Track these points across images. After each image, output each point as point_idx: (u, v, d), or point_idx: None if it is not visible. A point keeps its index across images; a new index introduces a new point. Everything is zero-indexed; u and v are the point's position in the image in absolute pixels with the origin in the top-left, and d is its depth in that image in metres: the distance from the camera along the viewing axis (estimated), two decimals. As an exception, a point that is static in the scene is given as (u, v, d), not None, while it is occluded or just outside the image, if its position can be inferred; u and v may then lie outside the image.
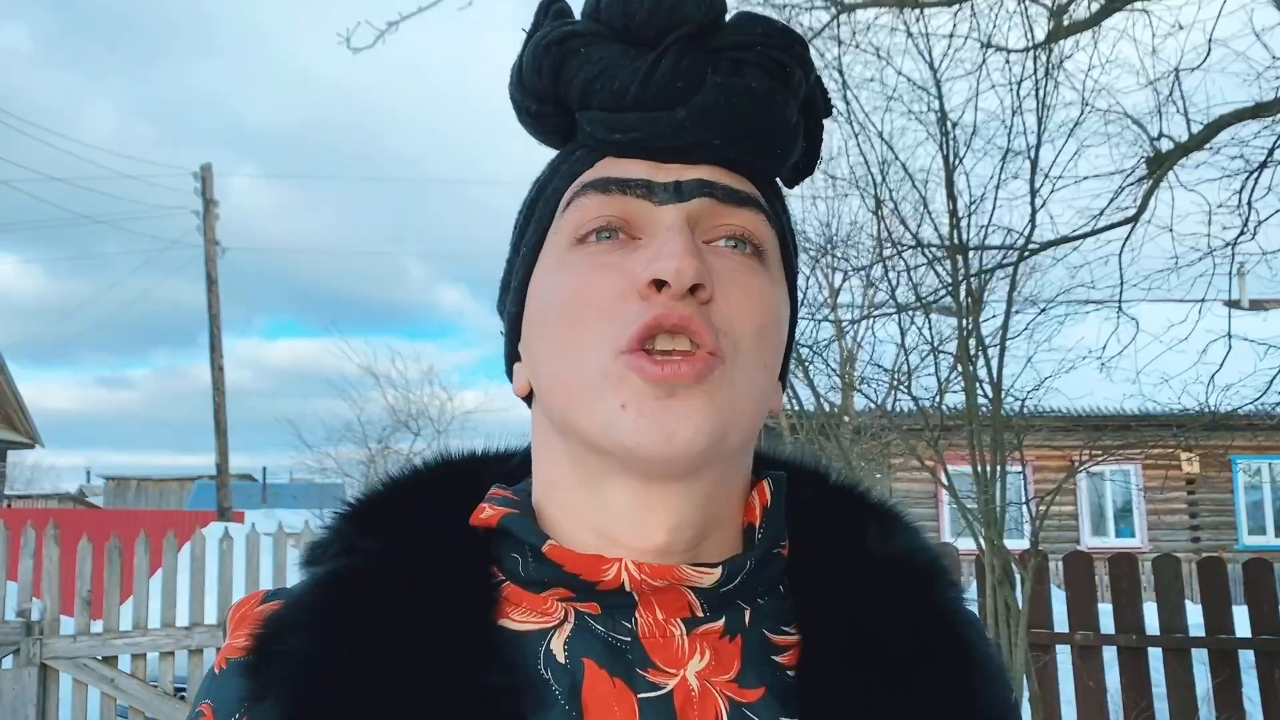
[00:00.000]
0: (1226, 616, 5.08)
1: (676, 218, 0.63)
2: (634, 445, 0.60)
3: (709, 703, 0.62)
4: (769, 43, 0.65)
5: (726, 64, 0.64)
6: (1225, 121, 4.91)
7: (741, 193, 0.65)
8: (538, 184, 0.71)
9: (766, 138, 0.66)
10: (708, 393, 0.60)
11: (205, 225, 19.03)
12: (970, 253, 4.71)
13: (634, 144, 0.65)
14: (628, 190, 0.64)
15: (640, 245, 0.64)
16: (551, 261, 0.66)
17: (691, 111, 0.63)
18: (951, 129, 4.66)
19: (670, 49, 0.63)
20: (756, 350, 0.63)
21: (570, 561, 0.63)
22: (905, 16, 4.85)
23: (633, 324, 0.60)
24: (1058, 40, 4.86)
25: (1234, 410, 4.82)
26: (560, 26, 0.67)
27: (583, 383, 0.62)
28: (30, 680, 5.27)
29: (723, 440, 0.61)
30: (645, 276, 0.60)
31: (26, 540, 5.49)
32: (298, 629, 0.63)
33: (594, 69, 0.64)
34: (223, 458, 18.71)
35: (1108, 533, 15.91)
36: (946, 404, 5.06)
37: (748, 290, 0.64)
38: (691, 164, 0.65)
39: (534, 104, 0.69)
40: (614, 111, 0.65)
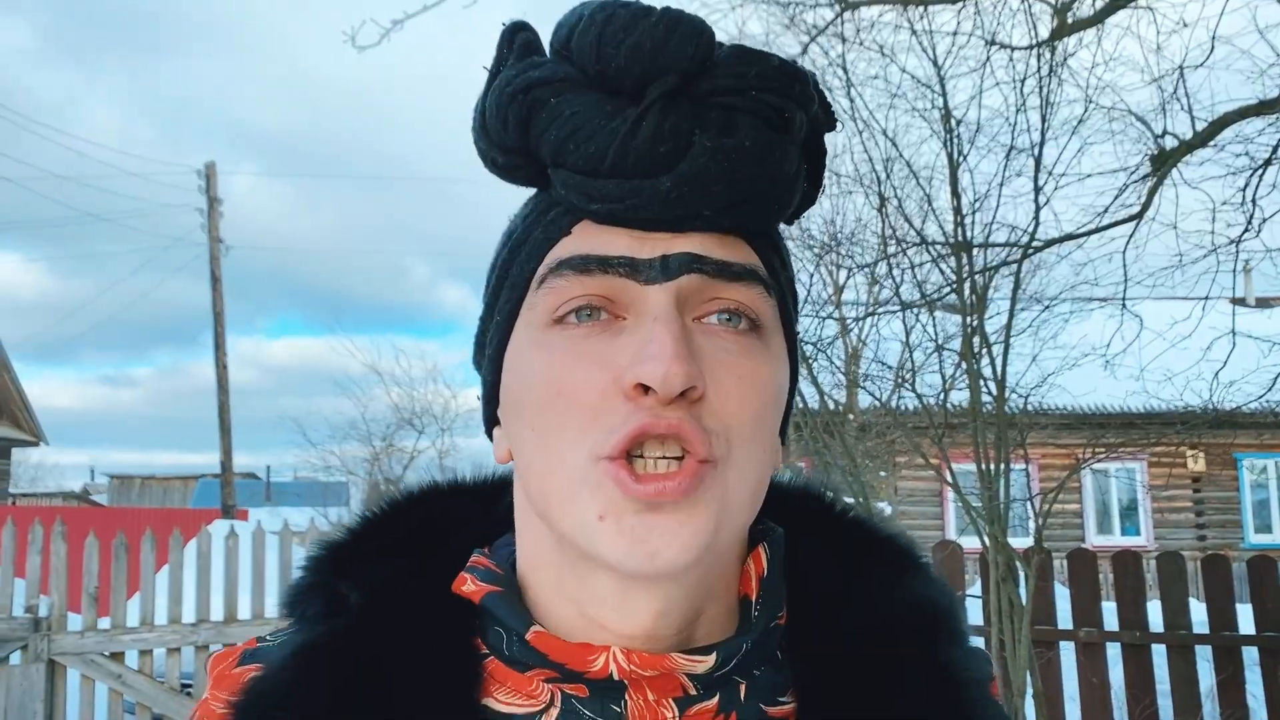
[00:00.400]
0: (1230, 614, 5.08)
1: (664, 304, 0.58)
2: (614, 561, 0.56)
3: None
4: (764, 86, 0.58)
5: (716, 117, 0.57)
6: (1229, 119, 4.90)
7: (735, 266, 0.60)
8: (509, 239, 0.65)
9: (763, 199, 0.60)
10: (695, 505, 0.56)
11: (210, 223, 19.06)
12: (974, 250, 4.72)
13: (613, 215, 0.59)
14: (609, 270, 0.59)
15: (625, 329, 0.59)
16: (527, 339, 0.62)
17: (678, 180, 0.57)
18: (955, 126, 4.67)
19: (652, 107, 0.56)
20: (753, 440, 0.59)
21: (555, 650, 0.60)
22: (909, 14, 4.86)
23: (616, 431, 0.56)
24: (1062, 38, 4.86)
25: (1238, 407, 4.83)
26: (526, 71, 0.60)
27: (560, 484, 0.58)
28: (38, 676, 5.30)
29: (713, 547, 0.58)
30: (630, 379, 0.56)
31: (34, 537, 5.52)
32: (278, 709, 0.61)
33: (565, 126, 0.58)
34: (227, 456, 18.74)
35: (1113, 531, 15.90)
36: (951, 401, 5.07)
37: (742, 377, 0.59)
38: (679, 233, 0.59)
39: (500, 156, 0.62)
40: (590, 176, 0.58)
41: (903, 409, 5.88)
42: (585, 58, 0.58)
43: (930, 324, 4.98)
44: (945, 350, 5.06)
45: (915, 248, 4.98)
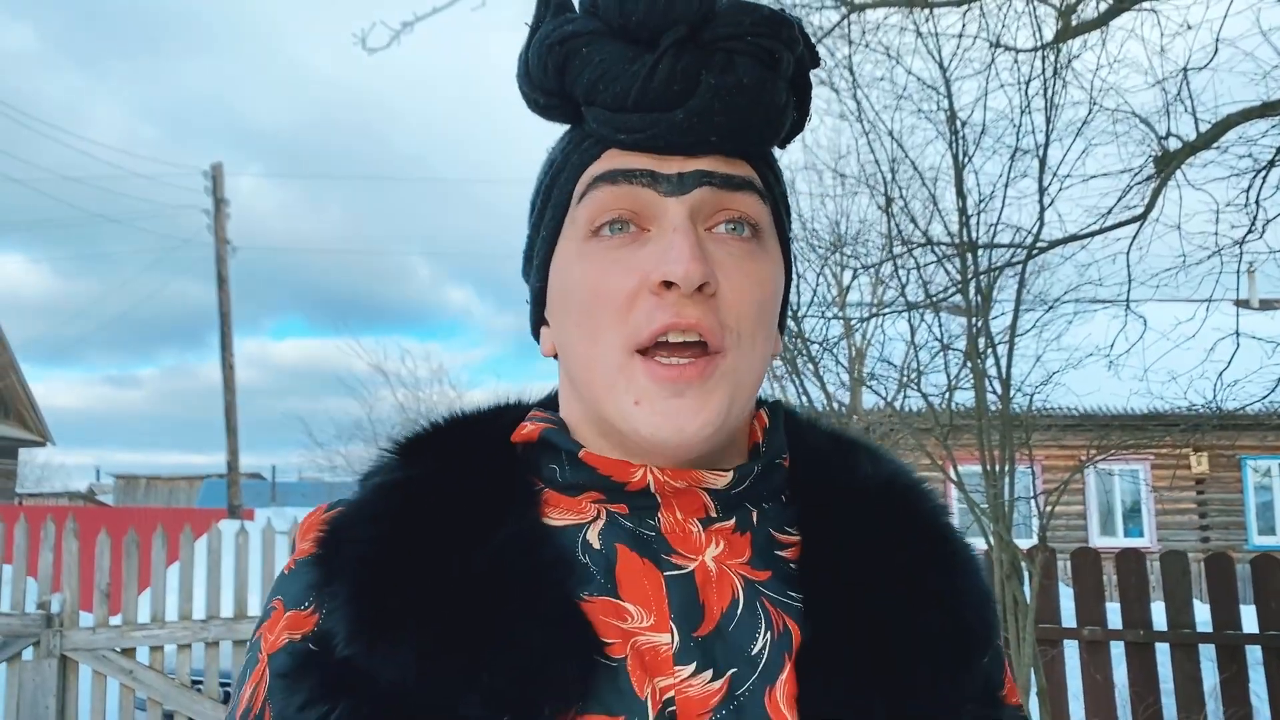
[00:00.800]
0: (1234, 613, 5.09)
1: (681, 215, 0.70)
2: (649, 436, 0.69)
3: (725, 580, 0.72)
4: (758, 32, 0.70)
5: (719, 59, 0.69)
6: (1233, 120, 4.93)
7: (736, 178, 0.72)
8: (550, 166, 0.78)
9: (758, 126, 0.72)
10: (711, 389, 0.70)
11: (216, 224, 19.10)
12: (979, 250, 4.75)
13: (637, 144, 0.71)
14: (634, 180, 0.71)
15: (650, 238, 0.71)
16: (571, 249, 0.74)
17: (689, 113, 0.69)
18: (961, 128, 4.70)
19: (666, 53, 0.68)
20: (757, 329, 0.73)
21: (602, 465, 0.73)
22: (915, 16, 4.89)
23: (645, 327, 0.69)
24: (1066, 40, 4.89)
25: (1242, 408, 4.85)
26: (562, 25, 0.72)
27: (602, 374, 0.71)
28: (50, 671, 5.34)
29: (727, 419, 0.71)
30: (656, 277, 0.68)
31: (46, 535, 5.57)
32: (363, 522, 0.72)
33: (596, 70, 0.70)
34: (233, 456, 18.78)
35: (1116, 532, 15.88)
36: (955, 402, 5.10)
37: (747, 274, 0.72)
38: (691, 156, 0.71)
39: (542, 97, 0.75)
40: (617, 112, 0.70)
41: (908, 409, 5.91)
42: (610, 13, 0.70)
43: (936, 325, 5.01)
44: (950, 350, 5.09)
45: (920, 248, 5.01)
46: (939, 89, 4.77)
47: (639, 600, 0.69)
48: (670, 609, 0.69)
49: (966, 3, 4.84)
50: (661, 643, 0.68)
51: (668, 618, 0.69)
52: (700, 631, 0.69)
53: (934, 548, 0.77)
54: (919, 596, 0.73)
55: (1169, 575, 5.22)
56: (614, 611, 0.69)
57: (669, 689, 0.66)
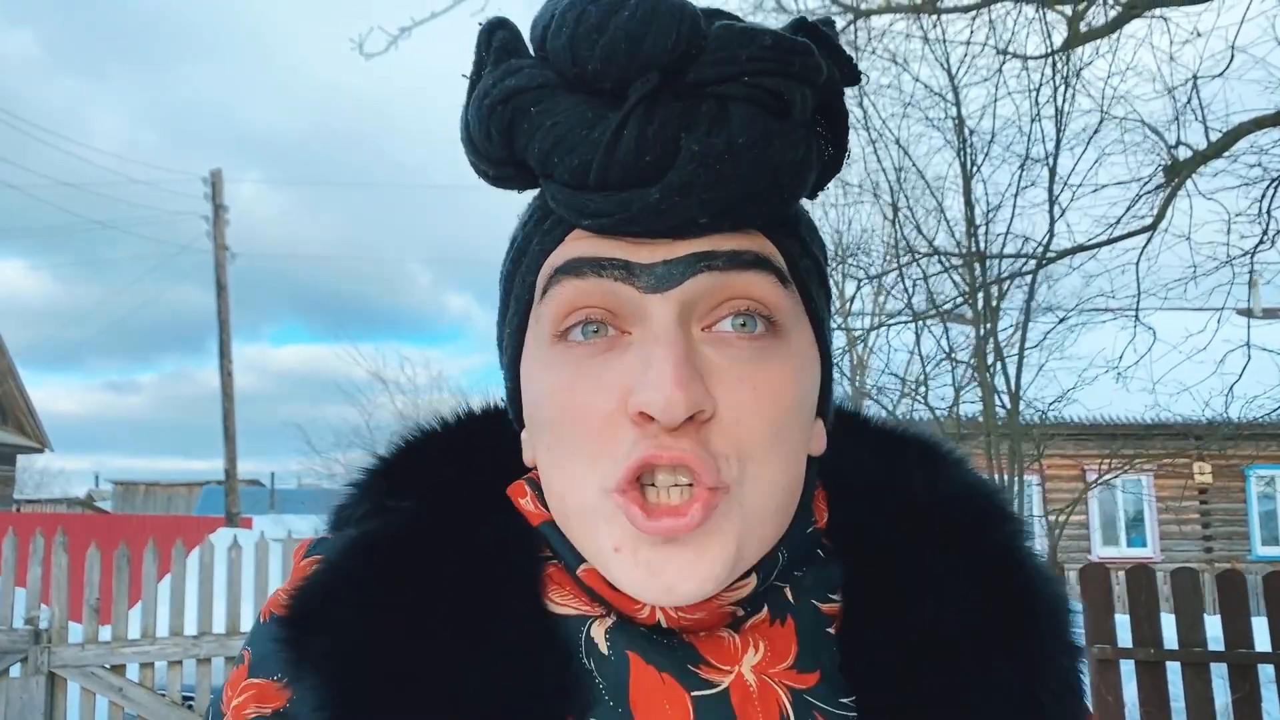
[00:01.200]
0: (1246, 630, 5.02)
1: (666, 318, 0.55)
2: (630, 593, 0.56)
3: (769, 696, 0.57)
4: (758, 69, 0.53)
5: (707, 110, 0.53)
6: (1244, 129, 4.86)
7: (745, 255, 0.56)
8: (512, 249, 0.63)
9: (763, 196, 0.55)
10: (711, 535, 0.54)
11: (215, 231, 19.06)
12: (988, 260, 4.67)
13: (604, 229, 0.56)
14: (604, 274, 0.56)
15: (631, 344, 0.56)
16: (537, 353, 0.60)
17: (667, 191, 0.53)
18: (969, 136, 4.62)
19: (632, 114, 0.52)
20: (771, 453, 0.56)
21: (604, 591, 0.59)
22: (922, 22, 4.82)
23: (622, 462, 0.54)
24: (1075, 47, 4.83)
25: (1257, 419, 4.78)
26: (504, 78, 0.56)
27: (576, 512, 0.57)
28: (38, 689, 5.25)
29: (736, 567, 0.56)
30: (633, 407, 0.54)
31: (35, 547, 5.48)
32: (337, 603, 0.59)
33: (548, 138, 0.55)
34: (231, 463, 18.71)
35: (1119, 542, 15.81)
36: (962, 413, 5.02)
37: (757, 388, 0.56)
38: (677, 240, 0.56)
39: (491, 168, 0.60)
40: (578, 190, 0.55)
41: (913, 420, 5.83)
42: (561, 61, 0.54)
43: (944, 336, 4.93)
44: (956, 361, 5.01)
45: (927, 257, 4.94)
46: (946, 96, 4.70)
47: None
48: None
49: (975, 9, 4.77)
50: None
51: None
52: None
53: (1004, 593, 0.62)
54: (987, 673, 0.59)
55: (1179, 592, 5.13)
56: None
57: None
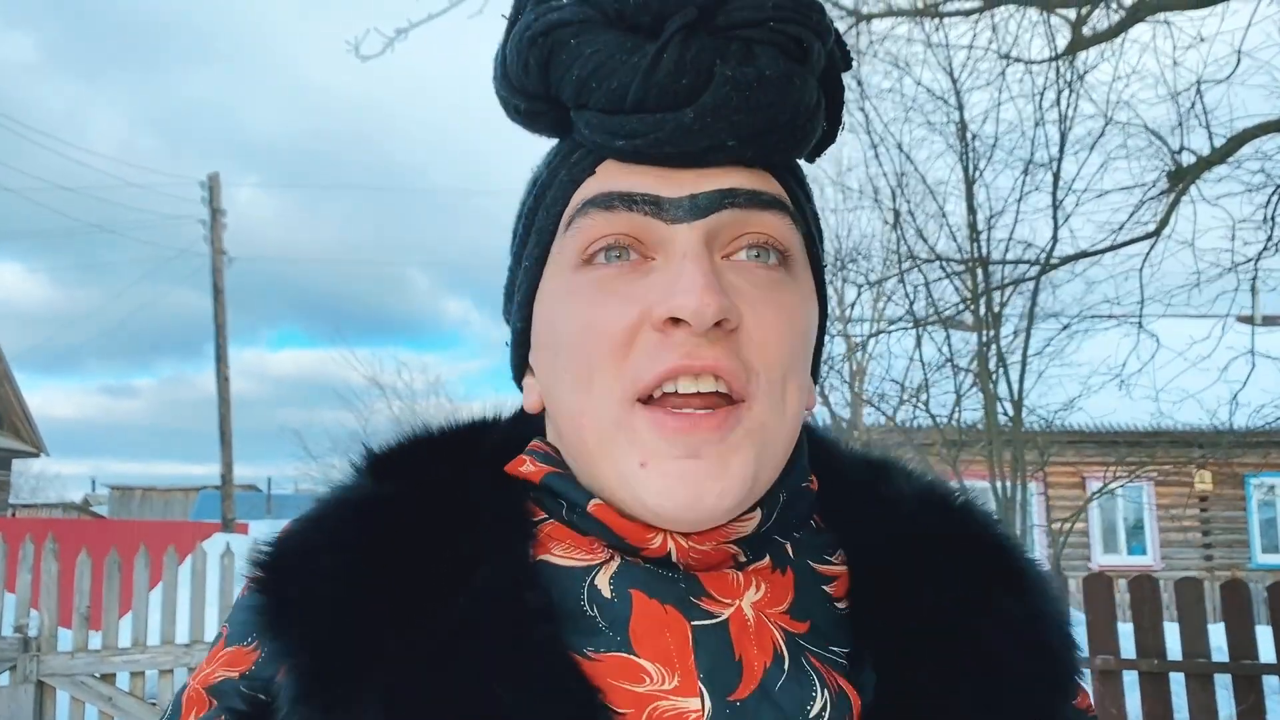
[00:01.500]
0: (1250, 641, 4.98)
1: (693, 241, 0.58)
2: (656, 506, 0.57)
3: (765, 632, 0.60)
4: (781, 16, 0.58)
5: (736, 49, 0.57)
6: (1248, 135, 4.83)
7: (764, 195, 0.60)
8: (535, 185, 0.65)
9: (786, 129, 0.59)
10: (734, 447, 0.57)
11: (213, 235, 19.02)
12: (990, 266, 4.63)
13: (638, 151, 0.58)
14: (634, 207, 0.59)
15: (654, 268, 0.59)
16: (558, 283, 0.62)
17: (700, 112, 0.57)
18: (971, 140, 4.58)
19: (672, 40, 0.56)
20: (789, 374, 0.60)
21: (615, 524, 0.60)
22: (924, 26, 4.78)
23: (648, 369, 0.57)
24: (1079, 51, 4.79)
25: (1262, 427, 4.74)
26: (546, 13, 0.59)
27: (596, 429, 0.59)
28: (26, 698, 5.19)
29: (754, 487, 0.59)
30: (661, 311, 0.56)
31: (25, 553, 5.41)
32: (315, 551, 0.60)
33: (587, 65, 0.58)
34: (227, 468, 18.65)
35: (1120, 550, 15.78)
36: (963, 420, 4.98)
37: (777, 307, 0.59)
38: (704, 168, 0.59)
39: (523, 102, 0.62)
40: (613, 114, 0.58)
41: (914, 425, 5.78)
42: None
43: (945, 342, 4.88)
44: (958, 368, 4.97)
45: (929, 263, 4.89)
46: (949, 100, 4.65)
47: (659, 657, 0.57)
48: (698, 667, 0.57)
49: (977, 13, 4.74)
50: (689, 709, 0.56)
51: (695, 678, 0.57)
52: (737, 694, 0.57)
53: (996, 565, 0.66)
54: (991, 629, 0.61)
55: (1183, 603, 5.09)
56: (628, 672, 0.57)
57: None
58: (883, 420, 5.97)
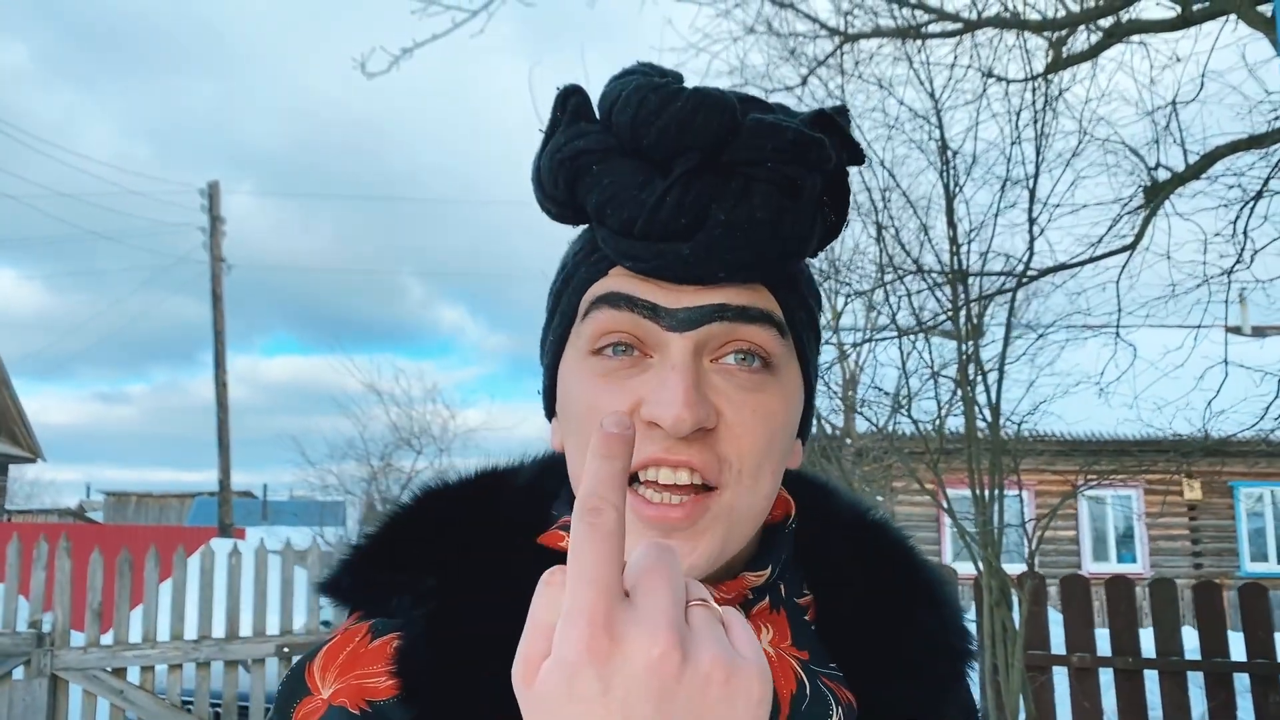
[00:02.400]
0: (1223, 640, 5.11)
1: (683, 352, 0.67)
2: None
3: (785, 665, 0.72)
4: (780, 158, 0.66)
5: (735, 188, 0.65)
6: (1221, 152, 4.99)
7: (751, 310, 0.68)
8: (563, 272, 0.75)
9: (774, 259, 0.68)
10: (701, 530, 0.67)
11: (212, 242, 19.11)
12: (970, 278, 4.80)
13: (643, 271, 0.68)
14: (635, 309, 0.68)
15: (651, 364, 0.68)
16: (574, 361, 0.72)
17: (695, 247, 0.65)
18: (952, 158, 4.76)
19: (674, 184, 0.65)
20: (763, 463, 0.69)
21: None
22: (907, 47, 4.96)
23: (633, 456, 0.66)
24: (1057, 71, 4.96)
25: (1231, 436, 4.89)
26: (574, 139, 0.69)
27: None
28: (40, 691, 5.33)
29: (719, 558, 0.68)
30: (645, 414, 0.66)
31: (39, 554, 5.56)
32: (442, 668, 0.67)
33: (605, 193, 0.67)
34: (225, 474, 18.72)
35: (1109, 558, 15.88)
36: (947, 428, 5.13)
37: (755, 410, 0.68)
38: (701, 286, 0.68)
39: (554, 208, 0.72)
40: (624, 237, 0.67)
41: (900, 434, 5.94)
42: (623, 132, 0.68)
43: (927, 350, 5.05)
44: (941, 377, 5.13)
45: (912, 275, 5.06)
46: (930, 119, 4.83)
47: None
48: None
49: (959, 34, 4.92)
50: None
51: None
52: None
53: (913, 579, 0.82)
54: (912, 638, 0.78)
55: (1158, 602, 5.23)
56: None
57: None
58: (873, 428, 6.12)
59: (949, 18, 4.95)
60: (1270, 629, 5.08)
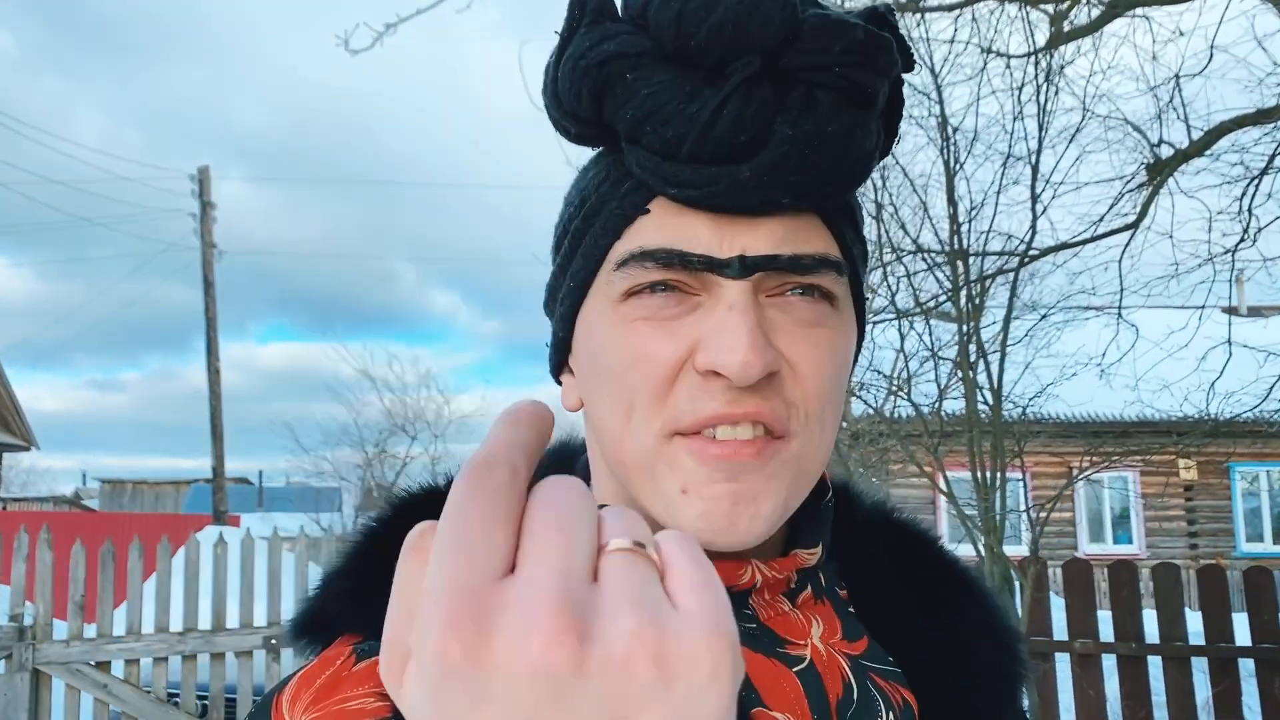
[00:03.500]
0: (1226, 624, 5.05)
1: (741, 293, 0.58)
2: (700, 531, 0.58)
3: (834, 665, 0.65)
4: (850, 60, 0.56)
5: (798, 97, 0.56)
6: (1226, 128, 4.90)
7: (805, 259, 0.59)
8: (583, 204, 0.64)
9: (842, 181, 0.59)
10: (773, 474, 0.58)
11: (203, 228, 18.99)
12: (970, 258, 4.70)
13: (690, 200, 0.58)
14: (690, 266, 0.58)
15: (700, 304, 0.59)
16: (604, 306, 0.62)
17: (758, 170, 0.56)
18: (952, 134, 4.65)
19: (733, 95, 0.55)
20: (828, 407, 0.61)
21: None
22: (906, 21, 4.84)
23: (689, 414, 0.58)
24: (1058, 46, 4.86)
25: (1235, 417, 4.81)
26: (601, 41, 0.58)
27: (637, 457, 0.60)
28: (22, 686, 5.23)
29: (783, 515, 0.60)
30: (705, 361, 0.57)
31: (20, 544, 5.46)
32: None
33: (643, 105, 0.56)
34: (219, 461, 18.64)
35: (1105, 539, 15.90)
36: (945, 410, 5.04)
37: (819, 345, 0.60)
38: (756, 217, 0.58)
39: (574, 126, 0.62)
40: (667, 160, 0.57)
41: (898, 417, 5.85)
42: (664, 32, 0.56)
43: (926, 332, 4.95)
44: (941, 359, 5.04)
45: (911, 255, 4.96)
46: (930, 95, 4.72)
47: (786, 707, 0.60)
48: (811, 710, 0.61)
49: (958, 8, 4.80)
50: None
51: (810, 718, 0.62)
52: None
53: (952, 576, 0.75)
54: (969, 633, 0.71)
55: (1161, 587, 5.17)
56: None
57: None
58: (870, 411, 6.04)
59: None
60: (1275, 612, 5.02)
